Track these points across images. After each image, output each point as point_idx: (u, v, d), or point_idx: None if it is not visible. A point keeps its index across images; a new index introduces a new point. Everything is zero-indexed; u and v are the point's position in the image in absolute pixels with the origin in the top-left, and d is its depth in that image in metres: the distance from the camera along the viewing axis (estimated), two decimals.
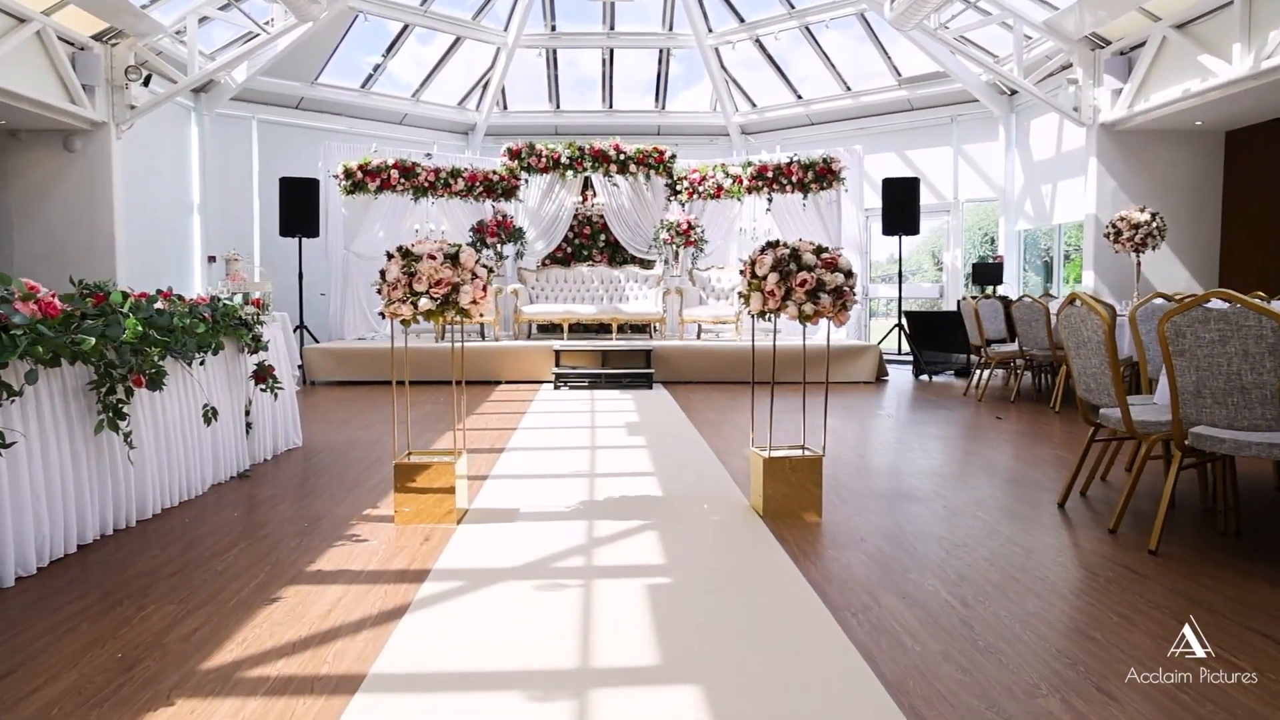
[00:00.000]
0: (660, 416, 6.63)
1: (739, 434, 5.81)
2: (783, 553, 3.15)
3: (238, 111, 10.90)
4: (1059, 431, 5.99)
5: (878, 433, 6.02)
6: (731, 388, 8.67)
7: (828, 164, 10.25)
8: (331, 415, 6.86)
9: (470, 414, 6.82)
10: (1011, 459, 5.07)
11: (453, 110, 13.03)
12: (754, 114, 13.44)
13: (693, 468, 4.70)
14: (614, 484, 4.27)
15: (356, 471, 4.63)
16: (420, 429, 6.03)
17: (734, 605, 2.63)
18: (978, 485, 4.32)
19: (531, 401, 7.54)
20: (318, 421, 6.47)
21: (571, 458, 4.98)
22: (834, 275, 3.51)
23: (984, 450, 5.37)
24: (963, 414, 6.87)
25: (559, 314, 9.97)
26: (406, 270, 3.37)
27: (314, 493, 4.12)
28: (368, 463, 4.88)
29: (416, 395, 7.95)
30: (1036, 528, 3.52)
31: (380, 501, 3.94)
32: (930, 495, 4.10)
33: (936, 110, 12.05)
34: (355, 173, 9.97)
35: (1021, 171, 11.26)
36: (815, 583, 2.82)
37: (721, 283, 10.58)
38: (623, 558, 3.11)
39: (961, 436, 5.89)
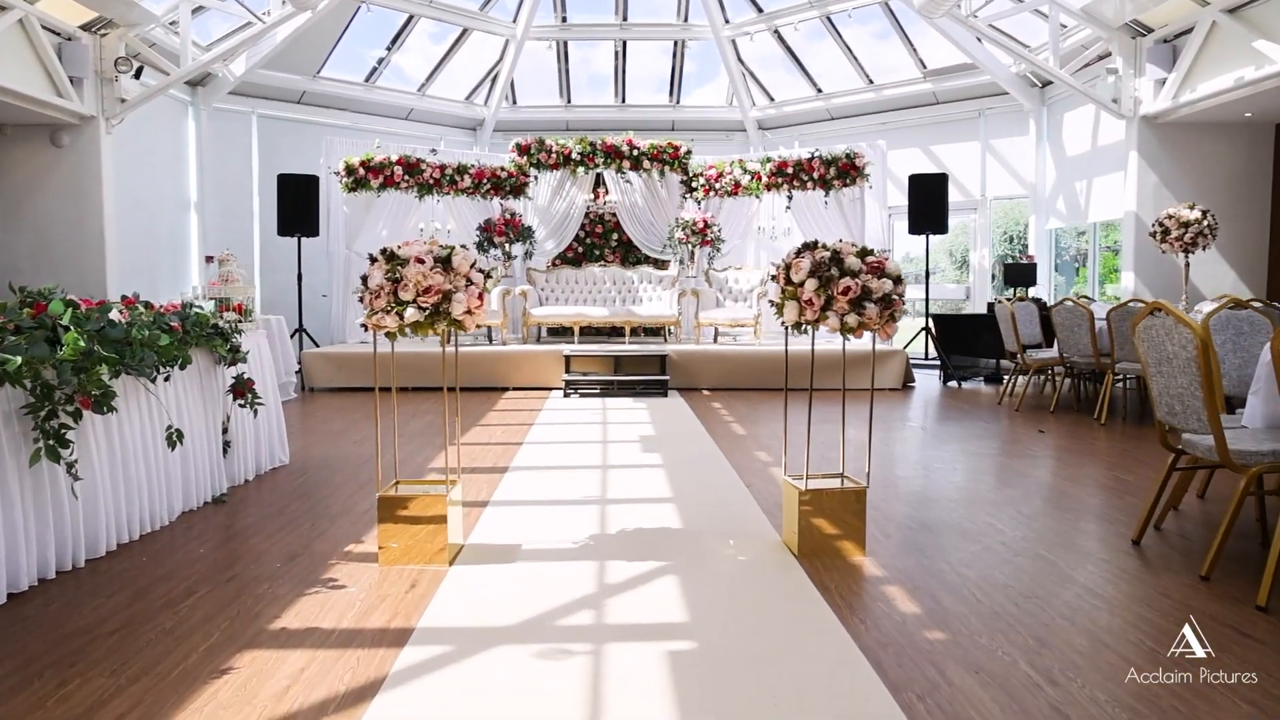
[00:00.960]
0: (677, 428, 6.19)
1: (762, 450, 5.36)
2: (825, 606, 2.71)
3: (237, 106, 10.53)
4: (1109, 448, 5.51)
5: (912, 448, 5.55)
6: (751, 395, 8.21)
7: (851, 159, 9.78)
8: (327, 425, 6.46)
9: (474, 425, 6.40)
10: (1066, 481, 4.60)
11: (460, 105, 12.63)
12: (772, 108, 12.96)
13: (714, 492, 4.26)
14: (628, 513, 3.83)
15: (345, 494, 4.22)
16: (420, 443, 5.61)
17: (772, 682, 2.18)
18: (1034, 514, 3.86)
19: (539, 411, 7.11)
20: (312, 433, 6.07)
21: (581, 480, 4.55)
22: (881, 282, 3.06)
23: (1032, 470, 4.90)
24: (1000, 426, 6.39)
25: (569, 317, 9.55)
26: (391, 276, 2.94)
27: (294, 522, 3.70)
28: (358, 483, 4.47)
29: (418, 403, 7.54)
30: (1114, 573, 3.06)
31: (366, 534, 3.52)
32: (984, 528, 3.64)
33: (963, 104, 11.54)
34: (357, 169, 9.57)
35: (1053, 167, 10.74)
36: (868, 648, 2.37)
37: (739, 284, 10.13)
38: (638, 612, 2.67)
39: (1004, 453, 5.42)
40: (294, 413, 7.13)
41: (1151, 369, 3.32)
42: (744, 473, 4.68)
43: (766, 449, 5.42)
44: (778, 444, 5.58)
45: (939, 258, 19.41)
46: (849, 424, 6.69)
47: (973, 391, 8.74)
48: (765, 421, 6.58)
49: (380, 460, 3.39)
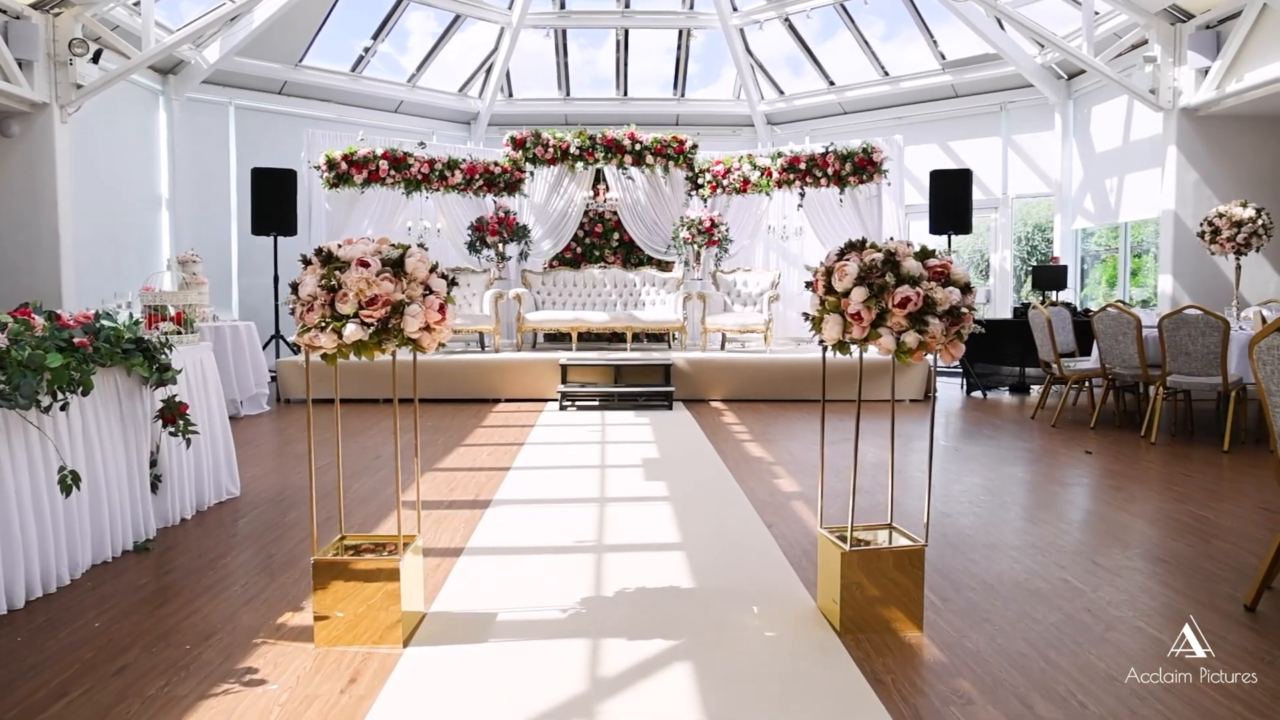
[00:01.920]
0: (683, 448, 5.55)
1: (782, 475, 4.72)
2: (884, 712, 2.07)
3: (212, 96, 9.90)
4: (1171, 475, 4.87)
5: (950, 474, 4.91)
6: (762, 408, 7.57)
7: (868, 154, 9.14)
8: (294, 446, 5.83)
9: (458, 445, 5.76)
10: (1138, 519, 3.95)
11: (453, 98, 11.99)
12: (781, 102, 12.33)
13: (730, 534, 3.62)
14: (628, 564, 3.20)
15: (296, 538, 3.59)
16: (395, 470, 4.97)
17: None
18: (1115, 568, 3.22)
19: (531, 429, 6.48)
20: (274, 456, 5.43)
21: (574, 516, 3.91)
22: (947, 291, 2.43)
23: (1096, 504, 4.26)
24: (1040, 444, 5.75)
25: (567, 322, 8.92)
26: (327, 283, 2.31)
27: (225, 579, 3.07)
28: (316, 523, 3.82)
29: (403, 417, 6.90)
30: (1236, 654, 2.42)
31: (307, 599, 2.89)
32: (1060, 587, 3.00)
33: (984, 97, 10.91)
34: (339, 163, 8.94)
35: (1080, 164, 10.11)
36: None
37: (748, 287, 9.49)
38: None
39: (1054, 479, 4.78)
40: (263, 429, 6.50)
41: (1277, 396, 2.69)
42: (764, 508, 4.05)
43: (787, 474, 4.78)
44: (798, 467, 4.95)
45: (973, 250, 18.78)
46: (872, 443, 6.06)
47: (999, 403, 8.11)
48: (781, 440, 5.94)
49: (343, 496, 2.76)
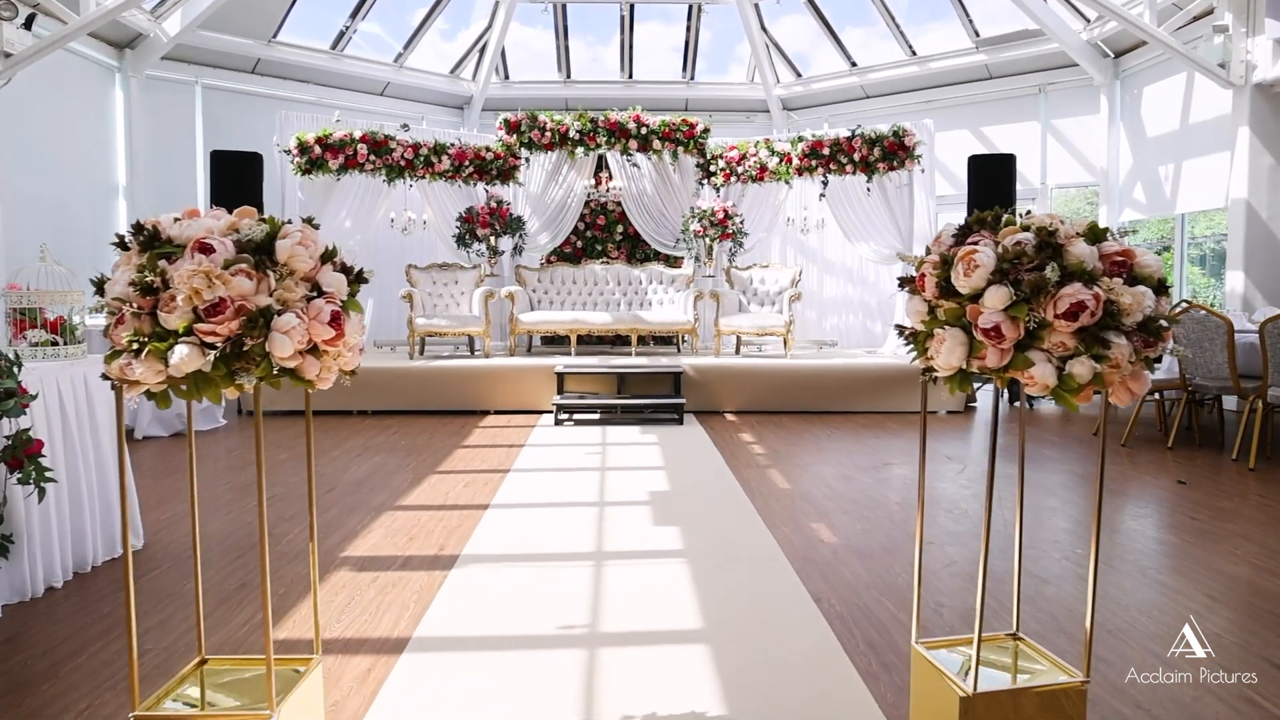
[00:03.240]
0: (698, 478, 4.66)
1: (821, 517, 3.82)
2: None
3: (176, 74, 9.02)
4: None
5: (1038, 520, 4.00)
6: (785, 421, 6.68)
7: (899, 138, 8.24)
8: (239, 473, 4.94)
9: (431, 473, 4.87)
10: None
11: (444, 80, 11.10)
12: (798, 85, 11.41)
13: (769, 620, 2.72)
14: (634, 669, 2.31)
15: (184, 625, 2.70)
16: (348, 505, 4.09)
17: None
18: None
19: (521, 449, 5.59)
20: (207, 488, 4.55)
21: (562, 582, 3.02)
22: (1137, 292, 1.54)
23: (1236, 565, 3.34)
24: (1117, 469, 4.83)
25: (565, 323, 8.03)
26: (143, 280, 1.43)
27: (59, 698, 2.19)
28: (221, 594, 2.95)
29: (371, 435, 6.03)
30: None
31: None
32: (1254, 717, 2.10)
33: (1021, 78, 9.98)
34: (312, 147, 8.06)
35: (1129, 150, 9.18)
36: None
37: (765, 285, 8.59)
38: None
39: (1163, 524, 3.87)
40: (205, 452, 5.62)
41: None
42: (806, 569, 3.15)
43: (827, 514, 3.88)
44: (840, 504, 4.05)
45: None
46: (912, 464, 5.16)
47: (1047, 414, 7.20)
48: (811, 464, 5.04)
49: (268, 542, 1.90)
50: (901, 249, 8.59)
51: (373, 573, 3.13)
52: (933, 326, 1.63)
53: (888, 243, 8.65)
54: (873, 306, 9.84)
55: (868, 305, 9.87)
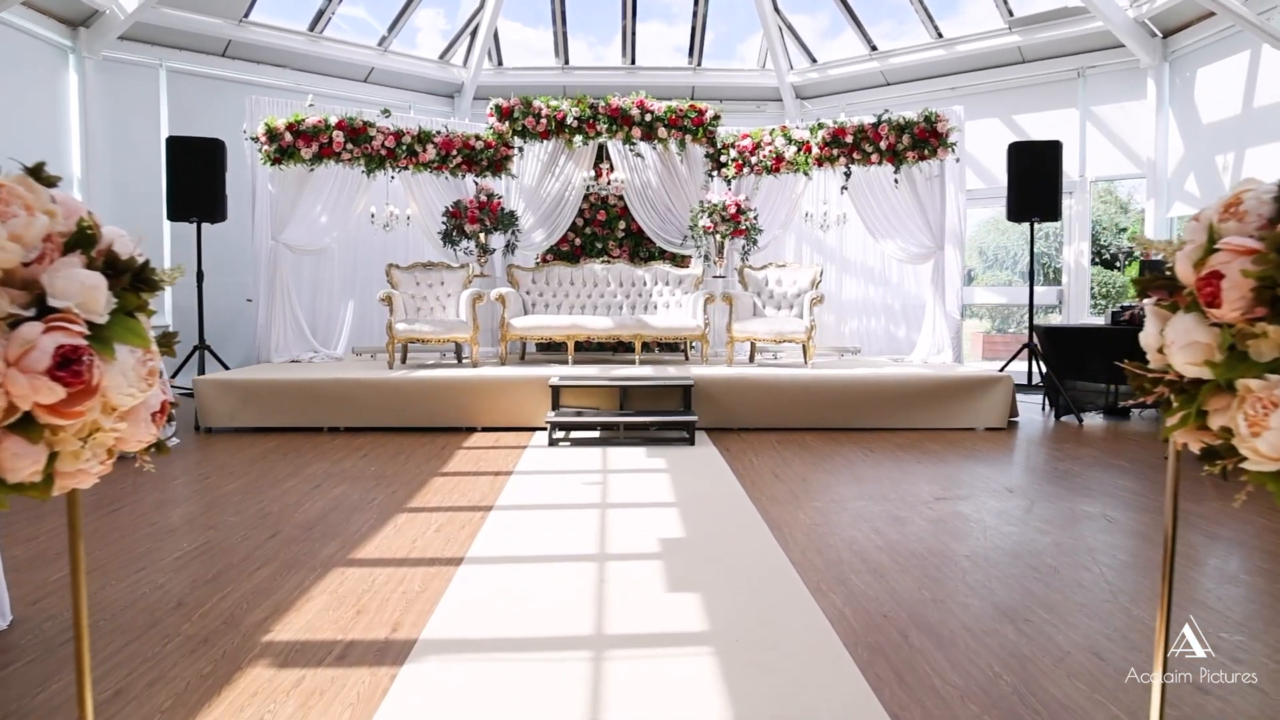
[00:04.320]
0: (717, 519, 3.88)
1: (873, 577, 3.03)
2: None
3: (137, 56, 8.26)
4: None
5: (1130, 566, 3.21)
6: (808, 439, 5.90)
7: (930, 123, 7.47)
8: (171, 510, 4.16)
9: (398, 511, 4.09)
10: None
11: (433, 66, 10.34)
12: (813, 71, 10.64)
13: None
14: None
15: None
16: (299, 553, 3.31)
17: None
18: None
19: (509, 477, 4.81)
20: (130, 531, 3.77)
21: (550, 688, 2.24)
22: None
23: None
24: (1217, 506, 4.05)
25: (562, 328, 7.26)
26: None
27: None
28: (97, 702, 2.16)
29: (337, 457, 5.25)
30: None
31: None
32: None
33: (1059, 61, 9.22)
34: (282, 134, 7.29)
35: (1180, 139, 8.41)
36: None
37: (782, 286, 7.82)
38: None
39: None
40: (144, 480, 4.84)
41: None
42: (876, 667, 2.36)
43: (881, 577, 3.10)
44: (892, 556, 3.27)
45: (989, 244, 17.06)
46: (969, 498, 4.37)
47: (1100, 431, 6.42)
48: (851, 500, 4.26)
49: None
50: (932, 245, 7.82)
51: (298, 670, 2.35)
52: (1236, 374, 0.85)
53: (916, 240, 7.88)
54: (896, 310, 9.07)
55: (891, 308, 9.09)
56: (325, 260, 8.38)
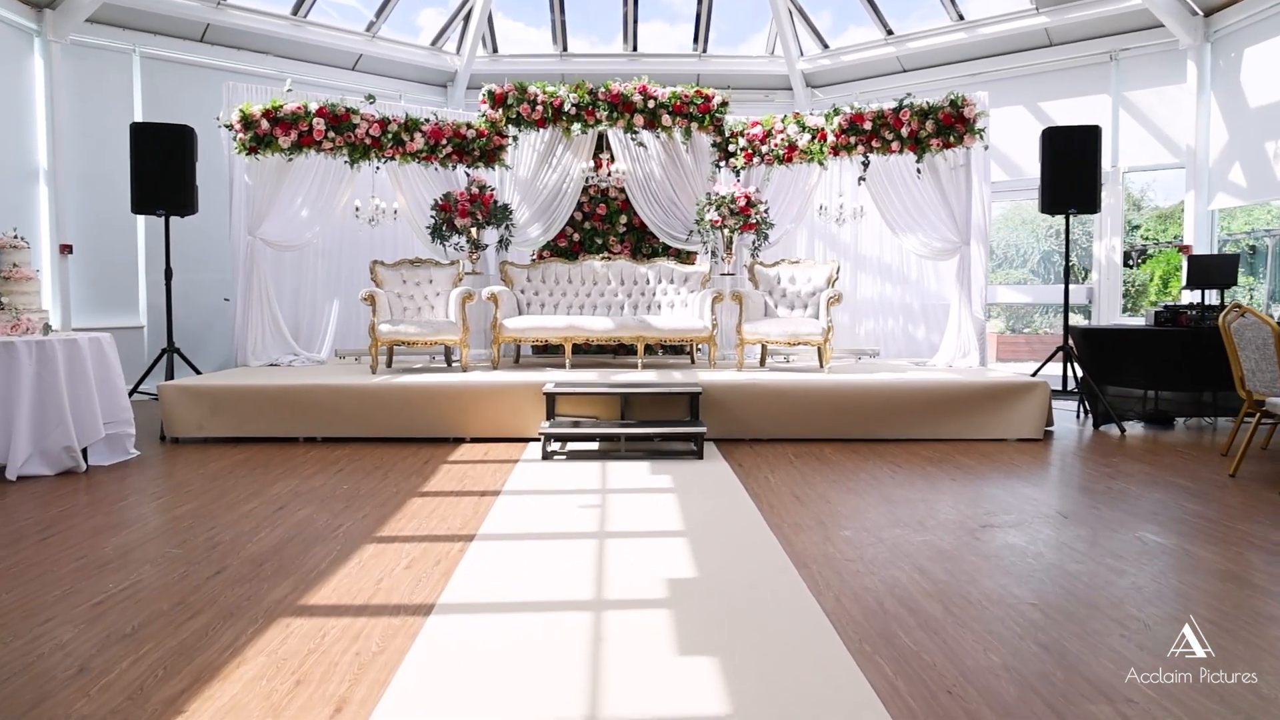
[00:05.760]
0: (735, 556, 3.34)
1: (922, 632, 2.49)
2: None
3: (109, 40, 7.75)
4: None
5: (1220, 608, 2.68)
6: (827, 451, 5.36)
7: (957, 108, 6.94)
8: (112, 536, 3.64)
9: (367, 541, 3.56)
10: None
11: (424, 53, 9.82)
12: (825, 58, 10.11)
13: None
14: None
15: None
16: (226, 609, 2.78)
17: None
18: None
19: (496, 499, 4.28)
20: (55, 565, 3.24)
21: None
22: None
23: None
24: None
25: (558, 330, 6.74)
26: None
27: None
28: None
29: (312, 471, 4.72)
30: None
31: None
32: None
33: (1089, 44, 8.67)
34: (258, 121, 6.77)
35: (1224, 125, 7.85)
36: None
37: (796, 284, 7.29)
38: None
39: None
40: (97, 497, 4.32)
41: None
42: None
43: (938, 635, 2.56)
44: (946, 611, 2.73)
45: (1010, 243, 16.47)
46: (1019, 525, 3.81)
47: (1145, 442, 5.87)
48: (886, 529, 3.72)
49: None
50: (957, 241, 7.28)
51: None
52: None
53: (940, 234, 7.34)
54: (915, 309, 8.53)
55: (909, 308, 8.56)
56: (308, 257, 7.87)
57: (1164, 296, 12.70)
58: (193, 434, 5.73)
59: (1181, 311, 6.47)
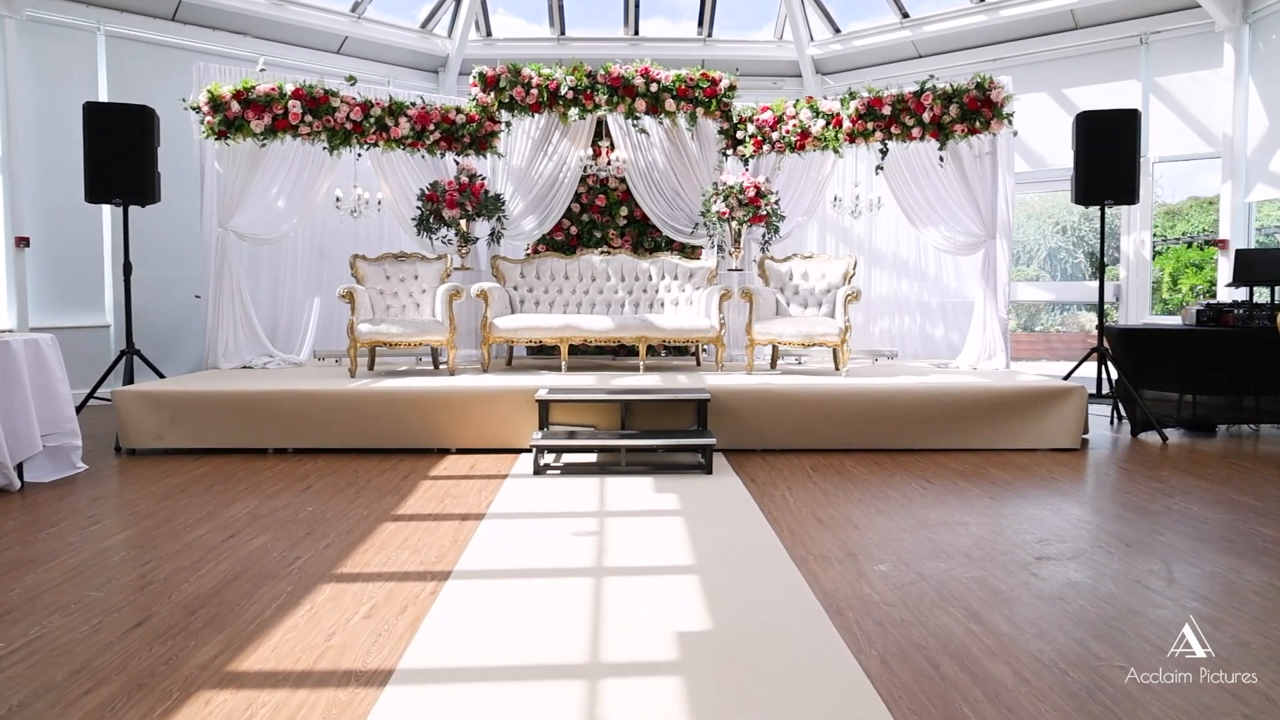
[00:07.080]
0: (754, 598, 2.84)
1: (989, 699, 2.01)
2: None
3: (70, 18, 7.23)
4: None
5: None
6: (846, 464, 4.86)
7: (983, 91, 6.44)
8: (26, 574, 3.13)
9: (325, 581, 3.05)
10: None
11: (414, 36, 9.30)
12: (836, 43, 9.60)
13: None
14: None
15: None
16: (138, 676, 2.27)
17: None
18: None
19: (479, 523, 3.77)
20: None
21: None
22: None
23: None
24: None
25: (554, 330, 6.24)
26: None
27: None
28: None
29: (277, 488, 4.21)
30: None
31: None
32: None
33: (1117, 26, 8.16)
34: (228, 103, 6.26)
35: (1264, 112, 7.35)
36: None
37: (809, 281, 6.79)
38: None
39: None
40: (32, 519, 3.80)
41: None
42: None
43: (995, 693, 2.06)
44: (1013, 673, 2.23)
45: (1014, 240, 15.96)
46: (1078, 556, 3.25)
47: (1189, 452, 5.37)
48: (926, 561, 3.22)
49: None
50: (981, 234, 6.78)
51: None
52: None
53: (964, 227, 6.85)
54: (933, 307, 8.04)
55: (927, 305, 8.07)
56: (287, 251, 7.37)
57: (1174, 294, 12.23)
58: (150, 445, 5.23)
59: (1226, 310, 5.97)
